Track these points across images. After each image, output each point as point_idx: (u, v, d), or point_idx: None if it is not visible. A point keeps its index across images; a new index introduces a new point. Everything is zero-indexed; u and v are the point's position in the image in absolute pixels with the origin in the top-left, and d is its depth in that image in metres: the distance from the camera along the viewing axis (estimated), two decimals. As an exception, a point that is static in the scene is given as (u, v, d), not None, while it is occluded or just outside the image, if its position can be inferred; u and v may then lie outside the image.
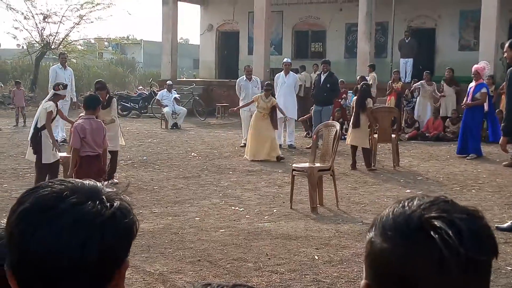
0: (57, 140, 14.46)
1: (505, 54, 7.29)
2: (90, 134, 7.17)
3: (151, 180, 10.25)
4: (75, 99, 15.30)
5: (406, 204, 1.10)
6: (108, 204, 1.14)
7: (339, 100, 17.38)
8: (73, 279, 1.09)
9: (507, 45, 7.24)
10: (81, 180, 1.19)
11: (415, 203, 1.09)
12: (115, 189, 1.20)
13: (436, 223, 1.04)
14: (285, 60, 15.47)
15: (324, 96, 13.95)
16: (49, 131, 8.67)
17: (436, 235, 1.02)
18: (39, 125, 8.67)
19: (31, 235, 1.10)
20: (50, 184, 1.17)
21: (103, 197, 1.15)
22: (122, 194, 1.20)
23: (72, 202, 1.12)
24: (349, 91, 18.09)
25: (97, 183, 1.20)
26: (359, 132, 11.29)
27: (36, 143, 8.64)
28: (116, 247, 1.14)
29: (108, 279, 1.13)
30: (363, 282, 1.13)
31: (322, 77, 14.19)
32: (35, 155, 8.64)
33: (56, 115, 8.99)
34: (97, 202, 1.13)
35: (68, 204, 1.12)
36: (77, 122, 7.48)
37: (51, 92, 9.14)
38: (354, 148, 11.49)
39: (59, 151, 8.96)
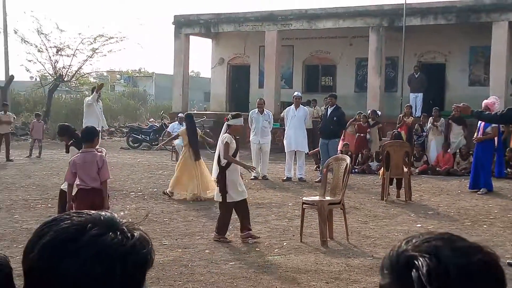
0: None
1: None
2: (81, 169, 7.02)
3: (162, 212, 10.26)
4: (106, 127, 15.66)
5: (404, 242, 1.12)
6: (128, 235, 1.15)
7: (362, 135, 17.44)
8: None
9: None
10: (97, 212, 1.20)
11: (413, 241, 1.11)
12: (130, 220, 1.22)
13: (416, 261, 1.05)
14: (295, 93, 15.57)
15: (330, 129, 13.98)
16: (233, 161, 8.13)
17: (413, 273, 1.03)
18: (222, 163, 8.12)
19: (54, 268, 1.10)
20: (68, 216, 1.18)
21: (124, 227, 1.17)
22: (138, 224, 1.22)
23: (94, 233, 1.13)
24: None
25: (114, 214, 1.21)
26: None
27: (221, 182, 8.13)
28: (136, 276, 1.15)
29: None
30: None
31: (329, 111, 14.26)
32: (220, 194, 8.15)
33: (237, 148, 8.28)
34: (118, 233, 1.14)
35: (90, 236, 1.12)
36: (73, 156, 7.41)
37: (225, 125, 8.41)
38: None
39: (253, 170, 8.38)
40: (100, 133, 14.90)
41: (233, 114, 8.50)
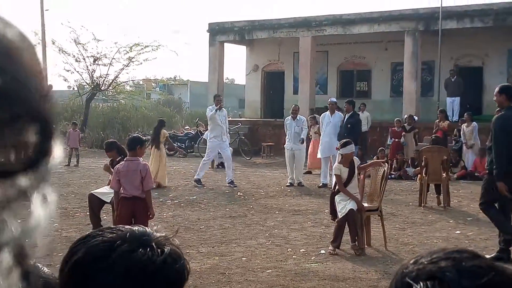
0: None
1: (495, 98, 7.38)
2: (124, 177, 7.13)
3: (198, 219, 10.30)
4: (227, 140, 15.48)
5: (411, 262, 1.06)
6: (159, 251, 1.15)
7: (396, 140, 17.40)
8: None
9: (497, 90, 7.51)
10: (130, 227, 1.21)
11: (419, 261, 1.04)
12: (164, 234, 1.22)
13: (414, 286, 0.99)
14: (330, 99, 15.49)
15: (344, 137, 13.90)
16: (345, 192, 8.07)
17: None
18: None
19: (84, 285, 1.12)
20: (100, 233, 1.19)
21: (153, 243, 1.16)
22: (172, 238, 1.22)
23: (123, 250, 1.13)
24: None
25: (146, 228, 1.21)
26: None
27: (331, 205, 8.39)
28: None
29: None
30: None
31: (346, 117, 14.20)
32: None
33: (352, 173, 8.16)
34: (148, 249, 1.14)
35: (120, 252, 1.13)
36: (118, 164, 7.54)
37: (338, 154, 8.64)
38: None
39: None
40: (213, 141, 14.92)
41: (342, 143, 8.38)
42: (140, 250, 1.14)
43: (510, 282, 1.00)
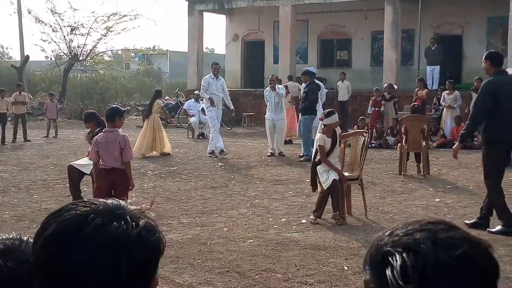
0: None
1: (483, 65, 7.45)
2: (103, 148, 7.05)
3: (179, 190, 10.28)
4: (232, 107, 15.41)
5: (386, 234, 1.05)
6: (133, 224, 1.13)
7: (376, 109, 17.46)
8: None
9: (484, 56, 7.54)
10: (104, 200, 1.18)
11: (394, 233, 1.04)
12: (139, 207, 1.20)
13: (391, 258, 0.98)
14: (306, 69, 15.43)
15: (301, 106, 14.14)
16: (328, 163, 7.96)
17: (388, 271, 0.98)
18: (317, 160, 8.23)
19: (58, 259, 1.09)
20: (73, 206, 1.16)
21: (128, 217, 1.14)
22: (147, 211, 1.19)
23: (97, 224, 1.11)
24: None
25: (121, 201, 1.19)
26: None
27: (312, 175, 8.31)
28: (144, 265, 1.13)
29: None
30: None
31: (303, 87, 14.32)
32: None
33: (334, 144, 8.07)
34: (122, 223, 1.12)
35: (93, 226, 1.11)
36: (96, 136, 7.44)
37: (320, 124, 8.57)
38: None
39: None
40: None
41: (325, 113, 8.16)
42: (114, 223, 1.12)
43: (485, 253, 1.00)
